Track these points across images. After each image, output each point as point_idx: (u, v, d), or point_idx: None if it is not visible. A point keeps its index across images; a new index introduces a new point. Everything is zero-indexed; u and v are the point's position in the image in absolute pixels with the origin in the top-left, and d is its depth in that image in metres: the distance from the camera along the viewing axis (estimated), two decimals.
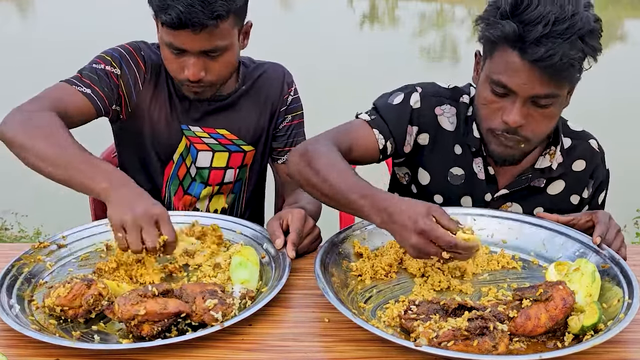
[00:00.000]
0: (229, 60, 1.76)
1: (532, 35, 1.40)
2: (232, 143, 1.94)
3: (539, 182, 1.72)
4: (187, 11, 1.60)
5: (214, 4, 1.62)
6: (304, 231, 1.58)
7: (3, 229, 4.25)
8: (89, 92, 1.74)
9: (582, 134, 1.77)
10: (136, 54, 1.84)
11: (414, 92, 1.71)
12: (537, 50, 1.40)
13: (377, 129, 1.67)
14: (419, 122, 1.71)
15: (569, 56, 1.40)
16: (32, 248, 1.53)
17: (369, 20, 14.63)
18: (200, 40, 1.66)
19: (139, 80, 1.83)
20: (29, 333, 1.23)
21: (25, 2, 15.71)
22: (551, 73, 1.43)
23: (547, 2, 1.41)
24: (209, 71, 1.73)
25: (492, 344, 1.18)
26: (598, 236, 1.49)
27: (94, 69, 1.78)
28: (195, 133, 1.90)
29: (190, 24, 1.61)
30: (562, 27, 1.39)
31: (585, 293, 1.31)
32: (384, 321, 1.31)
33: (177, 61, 1.72)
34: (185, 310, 1.26)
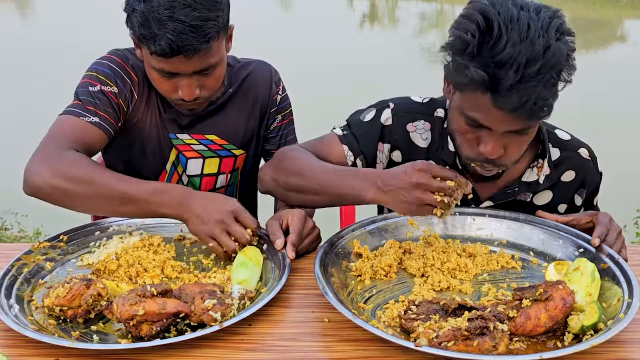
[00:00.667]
0: (221, 72, 1.71)
1: (504, 83, 1.32)
2: (222, 148, 1.89)
3: (525, 195, 1.69)
4: (177, 39, 1.52)
5: (204, 26, 1.54)
6: (304, 232, 1.57)
7: (3, 229, 4.25)
8: (97, 121, 1.67)
9: (570, 143, 1.71)
10: (126, 65, 1.75)
11: (386, 109, 1.70)
12: (511, 99, 1.33)
13: (347, 145, 1.68)
14: (390, 139, 1.69)
15: (543, 98, 1.34)
16: (32, 248, 1.53)
17: (369, 20, 14.63)
18: (194, 63, 1.59)
19: (134, 92, 1.76)
20: (28, 333, 1.23)
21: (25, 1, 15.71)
22: (526, 115, 1.38)
23: (516, 40, 1.31)
24: (203, 87, 1.68)
25: (492, 344, 1.18)
26: (597, 237, 1.49)
27: (91, 93, 1.69)
28: (183, 141, 1.84)
29: (182, 50, 1.54)
30: (534, 69, 1.31)
31: (585, 293, 1.31)
32: (384, 321, 1.31)
33: (168, 83, 1.65)
34: (184, 311, 1.26)
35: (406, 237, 1.62)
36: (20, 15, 14.12)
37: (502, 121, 1.41)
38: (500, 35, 1.33)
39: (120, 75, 1.73)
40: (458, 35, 1.39)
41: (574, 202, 1.73)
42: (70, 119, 1.66)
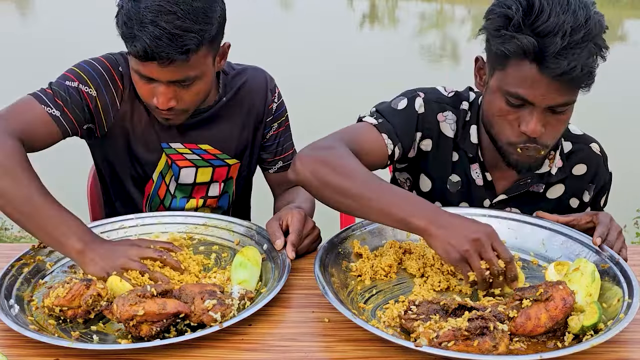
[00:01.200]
0: (201, 88, 1.64)
1: (551, 49, 1.36)
2: (215, 158, 1.85)
3: (537, 187, 1.70)
4: (153, 44, 1.47)
5: (183, 36, 1.49)
6: (304, 232, 1.57)
7: (3, 229, 4.25)
8: (58, 115, 1.62)
9: (583, 137, 1.75)
10: (114, 71, 1.71)
11: (418, 97, 1.68)
12: (559, 64, 1.37)
13: (386, 133, 1.61)
14: (423, 127, 1.68)
15: (588, 65, 1.38)
16: (32, 248, 1.53)
17: (369, 20, 14.64)
18: (169, 72, 1.55)
19: (117, 100, 1.71)
20: (28, 333, 1.23)
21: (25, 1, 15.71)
22: (572, 84, 1.41)
23: (559, 11, 1.37)
24: (180, 100, 1.62)
25: (492, 344, 1.18)
26: (598, 237, 1.49)
27: (66, 87, 1.65)
28: (176, 150, 1.80)
29: (157, 57, 1.49)
30: (579, 37, 1.36)
31: (585, 293, 1.31)
32: (384, 321, 1.31)
33: (147, 87, 1.61)
34: (184, 311, 1.26)
35: (406, 238, 1.62)
36: (20, 15, 14.12)
37: (547, 93, 1.42)
38: (542, 7, 1.38)
39: (104, 80, 1.70)
40: (500, 13, 1.43)
41: (582, 198, 1.74)
42: (33, 103, 1.62)
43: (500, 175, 1.70)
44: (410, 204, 1.39)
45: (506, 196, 1.71)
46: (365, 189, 1.41)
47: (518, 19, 1.39)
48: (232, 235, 1.64)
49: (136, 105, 1.74)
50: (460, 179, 1.72)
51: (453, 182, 1.72)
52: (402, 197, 1.41)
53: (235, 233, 1.65)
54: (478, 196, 1.72)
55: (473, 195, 1.72)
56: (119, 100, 1.72)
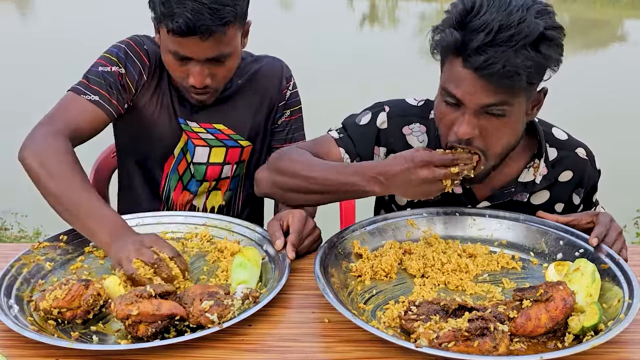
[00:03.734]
0: (233, 64, 1.75)
1: (473, 44, 1.36)
2: (229, 138, 1.92)
3: (522, 196, 1.68)
4: (195, 18, 1.57)
5: (222, 10, 1.60)
6: (304, 232, 1.57)
7: (3, 229, 4.25)
8: (97, 99, 1.73)
9: (568, 142, 1.71)
10: (139, 48, 1.82)
11: (382, 112, 1.70)
12: (478, 58, 1.36)
13: (344, 147, 1.68)
14: (387, 142, 1.69)
15: (513, 64, 1.35)
16: (32, 248, 1.53)
17: (369, 21, 14.63)
18: (207, 47, 1.64)
19: (144, 75, 1.82)
20: (27, 334, 1.23)
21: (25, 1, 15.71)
22: (495, 81, 1.37)
23: (494, 10, 1.37)
24: (214, 77, 1.73)
25: (492, 345, 1.18)
26: (595, 237, 1.49)
27: (100, 72, 1.77)
28: (192, 128, 1.88)
29: (198, 30, 1.59)
30: (506, 35, 1.35)
31: (586, 293, 1.31)
32: (384, 322, 1.31)
33: (182, 68, 1.70)
34: (179, 313, 1.26)
35: (406, 238, 1.62)
36: (20, 15, 14.11)
37: (474, 91, 1.41)
38: (481, 6, 1.39)
39: (130, 57, 1.79)
40: (446, 11, 1.47)
41: (571, 201, 1.73)
42: (72, 96, 1.74)
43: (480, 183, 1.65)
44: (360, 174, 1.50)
45: (489, 203, 1.69)
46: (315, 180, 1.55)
47: (454, 16, 1.42)
48: (232, 235, 1.64)
49: (158, 83, 1.84)
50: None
51: None
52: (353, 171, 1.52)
53: (235, 233, 1.65)
54: (458, 204, 1.69)
55: (453, 203, 1.69)
56: (145, 75, 1.82)
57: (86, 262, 1.55)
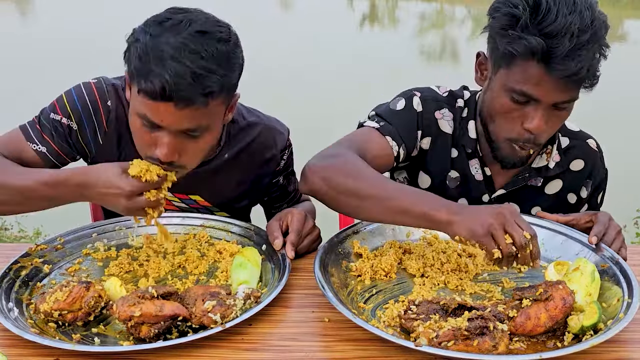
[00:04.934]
0: (207, 142, 1.48)
1: (560, 51, 1.38)
2: (203, 208, 1.77)
3: (535, 181, 1.71)
4: (173, 82, 1.31)
5: (207, 78, 1.35)
6: (304, 232, 1.57)
7: (3, 229, 4.25)
8: (44, 151, 1.60)
9: (580, 133, 1.76)
10: (100, 103, 1.61)
11: (414, 96, 1.69)
12: (567, 65, 1.38)
13: (389, 135, 1.62)
14: (423, 125, 1.69)
15: (594, 66, 1.41)
16: (30, 251, 1.53)
17: (369, 20, 14.63)
18: (183, 117, 1.37)
19: (99, 136, 1.63)
20: (29, 336, 1.23)
21: (25, 1, 15.71)
22: (578, 83, 1.43)
23: (566, 12, 1.38)
24: (184, 153, 1.44)
25: (492, 344, 1.18)
26: (594, 236, 1.49)
27: (52, 120, 1.60)
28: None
29: (175, 97, 1.33)
30: (586, 38, 1.38)
31: (585, 293, 1.31)
32: (384, 321, 1.31)
33: (148, 136, 1.42)
34: (182, 314, 1.26)
35: (406, 238, 1.62)
36: (20, 15, 14.12)
37: (554, 91, 1.44)
38: (550, 7, 1.40)
39: (87, 113, 1.61)
40: (507, 12, 1.44)
41: (580, 194, 1.74)
42: (19, 138, 1.61)
43: (499, 170, 1.70)
44: (427, 199, 1.38)
45: (505, 191, 1.71)
46: (380, 189, 1.41)
47: (525, 19, 1.40)
48: (230, 235, 1.64)
49: (122, 147, 1.65)
50: (459, 175, 1.72)
51: (452, 178, 1.73)
52: (418, 194, 1.41)
53: (233, 234, 1.65)
54: (477, 191, 1.72)
55: (472, 190, 1.72)
56: (101, 136, 1.63)
57: (84, 264, 1.55)
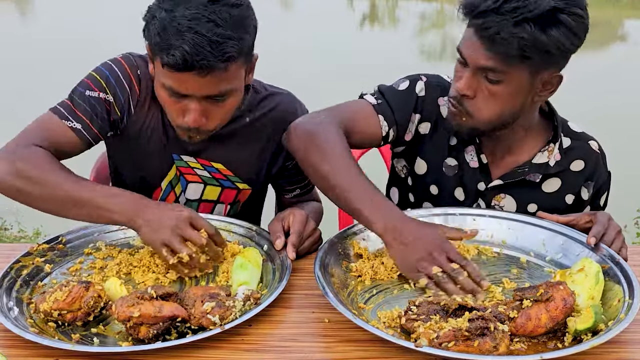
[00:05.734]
0: (233, 104, 1.57)
1: (481, 7, 1.45)
2: (226, 179, 1.78)
3: (534, 176, 1.70)
4: (194, 52, 1.40)
5: (224, 44, 1.42)
6: (305, 233, 1.57)
7: (3, 229, 4.25)
8: (79, 127, 1.61)
9: (582, 135, 1.76)
10: (131, 73, 1.66)
11: (419, 81, 1.72)
12: (479, 20, 1.46)
13: (383, 115, 1.66)
14: (422, 110, 1.71)
15: (507, 32, 1.42)
16: (31, 250, 1.53)
17: (369, 20, 14.64)
18: (206, 84, 1.46)
19: (132, 104, 1.67)
20: (29, 336, 1.23)
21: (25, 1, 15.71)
22: (489, 45, 1.46)
23: None
24: (211, 117, 1.54)
25: (492, 345, 1.18)
26: (593, 236, 1.49)
27: (87, 97, 1.63)
28: (188, 163, 1.75)
29: (197, 66, 1.41)
30: (511, 6, 1.42)
31: (588, 296, 1.31)
32: (384, 322, 1.31)
33: (176, 105, 1.53)
34: (181, 315, 1.26)
35: None
36: (20, 15, 14.12)
37: (473, 50, 1.50)
38: None
39: (121, 83, 1.65)
40: None
41: (580, 195, 1.74)
42: (53, 118, 1.62)
43: (498, 161, 1.71)
44: (375, 206, 1.44)
45: (502, 182, 1.71)
46: (340, 177, 1.48)
47: None
48: (232, 236, 1.64)
49: (150, 114, 1.70)
50: (457, 163, 1.73)
51: (449, 165, 1.73)
52: (371, 196, 1.46)
53: (235, 234, 1.64)
54: (473, 179, 1.72)
55: (467, 178, 1.72)
56: (133, 104, 1.67)
57: (85, 263, 1.55)
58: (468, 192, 1.73)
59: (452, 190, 1.74)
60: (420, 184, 1.78)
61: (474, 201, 1.73)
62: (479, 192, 1.72)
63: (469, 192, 1.73)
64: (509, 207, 1.72)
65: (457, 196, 1.74)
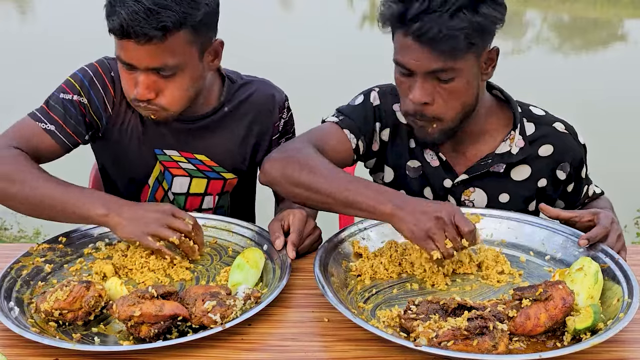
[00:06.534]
0: (184, 83, 1.58)
1: (411, 12, 1.44)
2: (211, 170, 1.80)
3: (498, 167, 1.69)
4: (130, 18, 1.45)
5: (160, 13, 1.46)
6: (305, 232, 1.58)
7: (3, 229, 4.25)
8: (53, 129, 1.64)
9: (545, 118, 1.73)
10: (105, 75, 1.70)
11: (372, 92, 1.76)
12: (415, 25, 1.44)
13: (347, 128, 1.69)
14: (381, 117, 1.74)
15: (448, 28, 1.42)
16: (31, 250, 1.53)
17: (369, 21, 14.63)
18: (146, 54, 1.50)
19: (108, 105, 1.70)
20: (29, 336, 1.23)
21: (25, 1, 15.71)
22: (434, 46, 1.45)
23: None
24: (161, 93, 1.57)
25: (491, 344, 1.18)
26: (585, 238, 1.49)
27: (61, 100, 1.66)
28: (171, 157, 1.77)
29: (133, 33, 1.47)
30: (438, 2, 1.42)
31: (587, 295, 1.31)
32: (384, 321, 1.31)
33: (129, 77, 1.58)
34: (182, 314, 1.26)
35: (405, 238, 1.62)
36: (20, 15, 14.12)
37: (419, 59, 1.48)
38: None
39: (94, 85, 1.69)
40: None
41: (556, 177, 1.73)
42: (28, 121, 1.66)
43: (460, 156, 1.71)
44: (374, 192, 1.45)
45: (467, 176, 1.71)
46: (332, 182, 1.48)
47: None
48: (232, 236, 1.64)
49: (128, 113, 1.73)
50: (421, 164, 1.74)
51: (412, 167, 1.75)
52: (366, 187, 1.46)
53: (235, 234, 1.65)
54: (437, 177, 1.72)
55: (432, 177, 1.73)
56: (110, 105, 1.71)
57: (86, 263, 1.55)
58: (435, 189, 1.74)
59: (419, 190, 1.75)
60: None
61: (443, 198, 1.73)
62: (447, 190, 1.73)
63: (437, 190, 1.74)
64: (479, 200, 1.72)
65: (427, 195, 1.75)
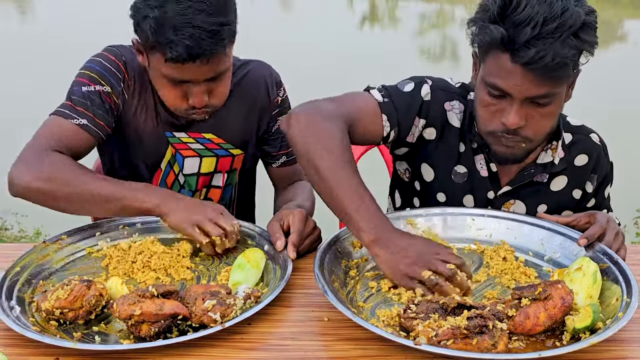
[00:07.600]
0: (229, 78, 1.71)
1: (521, 38, 1.39)
2: (219, 147, 1.87)
3: (541, 177, 1.69)
4: (195, 45, 1.52)
5: (221, 31, 1.54)
6: (305, 232, 1.58)
7: (3, 229, 4.25)
8: (86, 123, 1.66)
9: (582, 128, 1.75)
10: (118, 62, 1.74)
11: (425, 84, 1.68)
12: (528, 52, 1.39)
13: (387, 114, 1.62)
14: (427, 115, 1.67)
15: (561, 55, 1.39)
16: (33, 249, 1.53)
17: (369, 21, 14.63)
18: (208, 69, 1.59)
19: (125, 91, 1.75)
20: (30, 335, 1.23)
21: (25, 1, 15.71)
22: (544, 74, 1.42)
23: (535, 3, 1.39)
24: (213, 95, 1.67)
25: (491, 343, 1.18)
26: (584, 237, 1.49)
27: (84, 93, 1.68)
28: (180, 139, 1.83)
29: (201, 56, 1.54)
30: (552, 27, 1.38)
31: (586, 295, 1.31)
32: (383, 320, 1.32)
33: (177, 91, 1.64)
34: (182, 313, 1.26)
35: None
36: (20, 15, 14.12)
37: (522, 84, 1.44)
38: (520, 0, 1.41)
39: (112, 72, 1.72)
40: (480, 4, 1.48)
41: (585, 189, 1.74)
42: (58, 120, 1.66)
43: (505, 167, 1.69)
44: (366, 213, 1.40)
45: (510, 187, 1.70)
46: (335, 177, 1.44)
47: (494, 10, 1.43)
48: None
49: (142, 98, 1.77)
50: (467, 170, 1.70)
51: (459, 172, 1.71)
52: (362, 202, 1.41)
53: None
54: (482, 187, 1.70)
55: (477, 186, 1.71)
56: (126, 91, 1.75)
57: (87, 263, 1.56)
58: (477, 200, 1.72)
59: (460, 197, 1.72)
60: (426, 190, 1.75)
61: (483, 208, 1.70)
62: (489, 201, 1.71)
63: (478, 200, 1.72)
64: (518, 212, 1.70)
65: (466, 203, 1.72)
